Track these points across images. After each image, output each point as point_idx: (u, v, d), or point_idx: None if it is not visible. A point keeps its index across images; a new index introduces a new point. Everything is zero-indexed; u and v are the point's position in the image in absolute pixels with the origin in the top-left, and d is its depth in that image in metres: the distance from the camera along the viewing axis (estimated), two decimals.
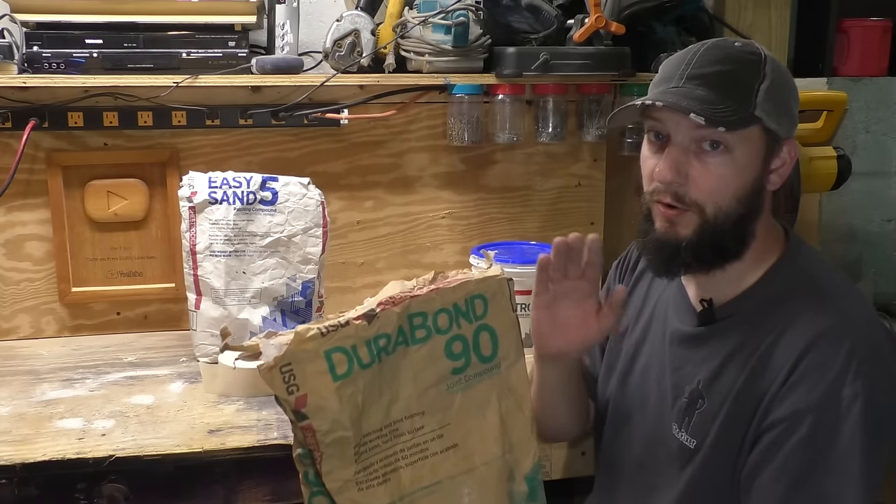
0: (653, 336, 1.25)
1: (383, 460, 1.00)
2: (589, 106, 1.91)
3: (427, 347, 1.03)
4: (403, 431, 1.02)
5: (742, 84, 1.06)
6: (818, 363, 1.02)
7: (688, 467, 1.13)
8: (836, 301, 1.08)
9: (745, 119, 1.04)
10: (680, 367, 1.17)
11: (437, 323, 1.03)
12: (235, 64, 1.71)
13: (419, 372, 1.02)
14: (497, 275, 1.08)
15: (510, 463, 1.08)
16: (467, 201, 1.98)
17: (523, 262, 1.72)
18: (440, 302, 1.03)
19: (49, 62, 1.66)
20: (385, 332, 1.00)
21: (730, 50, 1.09)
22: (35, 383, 1.57)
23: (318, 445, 0.97)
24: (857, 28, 2.06)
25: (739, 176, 1.06)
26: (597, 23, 1.70)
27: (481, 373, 1.06)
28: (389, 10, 1.78)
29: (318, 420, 0.96)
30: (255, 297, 1.64)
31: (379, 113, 1.84)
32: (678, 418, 1.16)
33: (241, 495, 1.33)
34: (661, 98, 1.05)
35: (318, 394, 0.96)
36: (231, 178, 1.64)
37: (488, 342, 1.06)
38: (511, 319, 1.09)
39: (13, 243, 1.81)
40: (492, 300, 1.06)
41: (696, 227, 1.08)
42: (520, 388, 1.09)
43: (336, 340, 0.97)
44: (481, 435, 1.06)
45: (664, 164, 1.08)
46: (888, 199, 2.07)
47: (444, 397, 1.04)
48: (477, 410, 1.06)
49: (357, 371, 0.98)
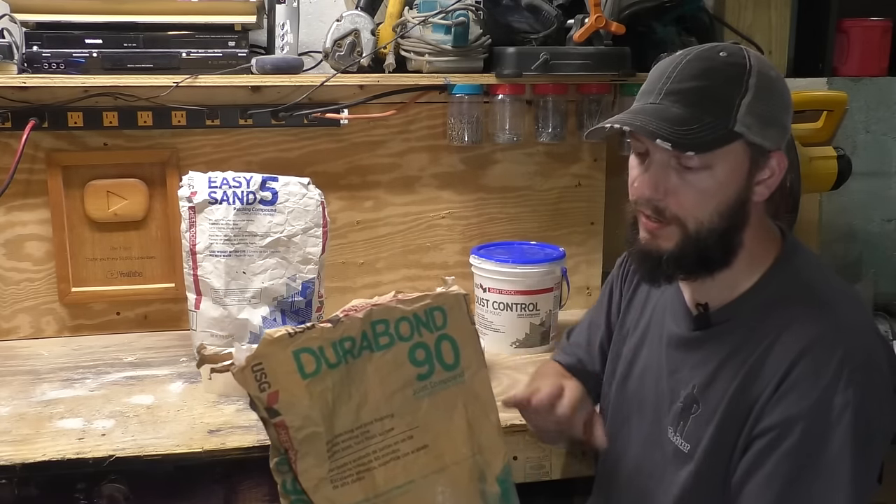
0: (651, 339, 1.25)
1: (356, 461, 1.03)
2: (589, 106, 1.90)
3: (391, 353, 1.07)
4: (374, 433, 1.05)
5: (722, 100, 1.04)
6: (811, 371, 1.01)
7: (683, 471, 1.13)
8: (831, 308, 1.07)
9: (724, 136, 1.03)
10: (676, 370, 1.18)
11: (399, 330, 1.07)
12: (235, 64, 1.71)
13: (385, 377, 1.06)
14: (453, 291, 1.12)
15: (480, 464, 1.11)
16: (467, 201, 1.98)
17: (523, 262, 1.72)
18: (400, 311, 1.08)
19: (49, 62, 1.66)
20: (349, 335, 1.04)
21: (712, 62, 1.06)
22: (35, 383, 1.57)
23: (293, 443, 1.00)
24: (857, 28, 2.06)
25: (720, 191, 1.05)
26: (597, 23, 1.70)
27: (446, 380, 1.10)
28: (389, 10, 1.78)
29: (291, 416, 1.00)
30: (255, 297, 1.64)
31: (379, 113, 1.84)
32: (674, 422, 1.16)
33: (241, 495, 1.33)
34: (631, 121, 1.05)
35: (289, 390, 1.00)
36: (231, 178, 1.64)
37: (450, 351, 1.10)
38: (470, 331, 1.12)
39: (13, 243, 1.81)
40: (450, 312, 1.11)
41: (677, 240, 1.08)
42: (483, 395, 1.13)
43: (303, 341, 1.01)
44: (450, 437, 1.09)
45: (642, 180, 1.08)
46: (888, 199, 2.07)
47: (412, 401, 1.07)
48: (444, 414, 1.09)
49: (325, 370, 1.02)
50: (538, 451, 1.42)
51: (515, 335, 1.73)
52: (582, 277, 2.04)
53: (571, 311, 1.89)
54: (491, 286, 1.73)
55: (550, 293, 1.74)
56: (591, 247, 2.05)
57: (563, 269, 1.79)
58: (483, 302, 1.76)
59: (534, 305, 1.72)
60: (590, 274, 2.05)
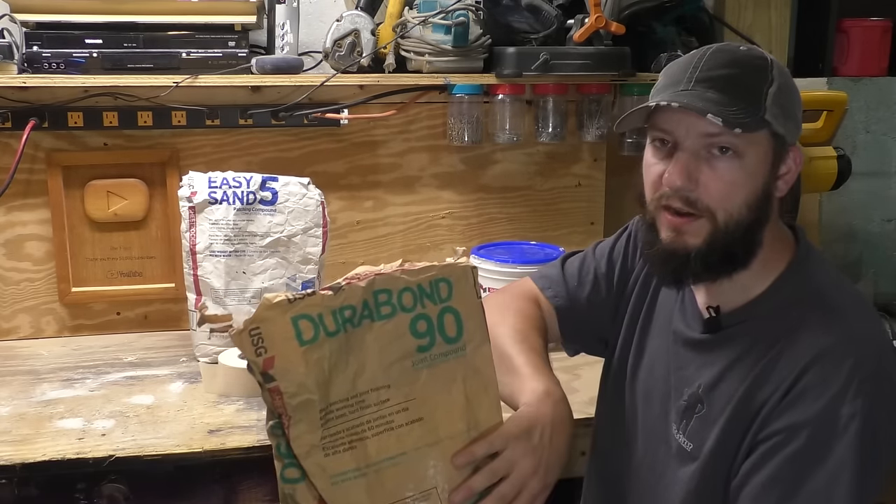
0: (660, 330, 1.24)
1: (350, 429, 1.02)
2: (589, 106, 1.91)
3: (392, 324, 1.05)
4: (370, 403, 1.03)
5: (751, 87, 1.04)
6: (820, 379, 1.00)
7: (686, 470, 1.12)
8: (843, 316, 1.06)
9: (756, 122, 1.03)
10: (681, 367, 1.17)
11: (401, 301, 1.05)
12: (235, 64, 1.71)
13: (385, 346, 1.04)
14: (462, 262, 1.10)
15: (476, 439, 1.09)
16: (467, 201, 1.98)
17: (523, 262, 1.72)
18: (404, 281, 1.05)
19: (49, 62, 1.66)
20: (350, 303, 1.02)
21: (736, 54, 1.07)
22: (35, 383, 1.57)
23: (286, 409, 0.99)
24: (857, 28, 2.06)
25: (749, 181, 1.05)
26: (597, 23, 1.70)
27: (446, 353, 1.08)
28: (389, 10, 1.78)
29: (285, 382, 0.99)
30: (255, 297, 1.64)
31: (379, 113, 1.84)
32: (677, 419, 1.15)
33: (241, 495, 1.33)
34: (676, 99, 1.03)
35: (285, 356, 0.99)
36: (231, 178, 1.64)
37: (453, 324, 1.08)
38: (475, 305, 1.10)
39: (13, 243, 1.81)
40: (456, 284, 1.08)
41: (706, 235, 1.06)
42: (485, 370, 1.10)
43: (302, 308, 0.99)
44: (446, 410, 1.07)
45: (674, 168, 1.05)
46: (888, 199, 2.08)
47: (410, 373, 1.06)
48: (442, 387, 1.07)
49: (323, 338, 1.00)
50: None
51: None
52: None
53: None
54: (491, 286, 1.73)
55: None
56: None
57: None
58: None
59: None
60: None
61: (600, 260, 1.35)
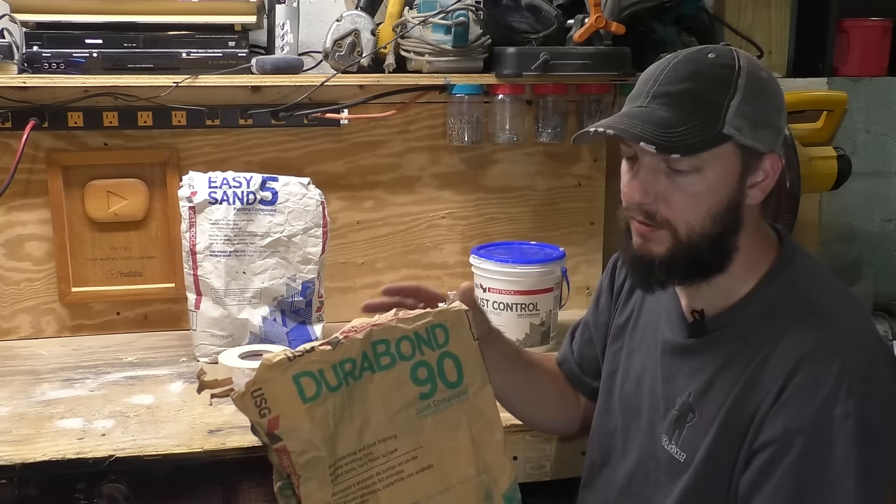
0: (647, 344, 1.24)
1: (360, 483, 1.02)
2: (589, 106, 1.91)
3: (393, 373, 1.05)
4: (378, 455, 1.04)
5: (709, 102, 1.03)
6: (809, 381, 1.00)
7: (679, 481, 1.11)
8: (829, 315, 1.05)
9: (713, 139, 1.02)
10: (671, 377, 1.16)
11: (400, 349, 1.06)
12: (235, 64, 1.71)
13: (387, 397, 1.05)
14: (455, 307, 1.11)
15: (486, 483, 1.10)
16: (467, 201, 1.98)
17: (523, 262, 1.72)
18: (401, 330, 1.07)
19: (49, 62, 1.66)
20: (350, 356, 1.03)
21: (700, 65, 1.05)
22: (35, 383, 1.57)
23: (295, 468, 0.99)
24: (857, 28, 2.06)
25: (712, 195, 1.04)
26: (597, 23, 1.70)
27: (449, 398, 1.09)
28: (389, 10, 1.78)
29: (292, 441, 0.99)
30: (255, 297, 1.64)
31: (379, 113, 1.84)
32: (668, 430, 1.14)
33: (241, 495, 1.33)
34: (614, 124, 1.04)
35: (290, 415, 0.99)
36: (231, 178, 1.64)
37: (453, 368, 1.09)
38: (473, 347, 1.11)
39: (13, 243, 1.81)
40: (451, 329, 1.09)
41: (669, 245, 1.06)
42: (489, 412, 1.11)
43: (302, 365, 1.00)
44: (454, 456, 1.08)
45: (632, 185, 1.08)
46: (888, 199, 2.08)
47: (415, 421, 1.06)
48: (448, 433, 1.08)
49: (325, 393, 1.01)
50: (538, 451, 1.42)
51: (515, 335, 1.72)
52: (582, 277, 2.04)
53: (571, 311, 1.89)
54: (491, 286, 1.73)
55: (550, 293, 1.74)
56: (591, 247, 2.05)
57: (562, 269, 1.78)
58: (483, 302, 1.75)
59: (534, 305, 1.72)
60: (590, 274, 2.05)
61: (591, 311, 1.41)
